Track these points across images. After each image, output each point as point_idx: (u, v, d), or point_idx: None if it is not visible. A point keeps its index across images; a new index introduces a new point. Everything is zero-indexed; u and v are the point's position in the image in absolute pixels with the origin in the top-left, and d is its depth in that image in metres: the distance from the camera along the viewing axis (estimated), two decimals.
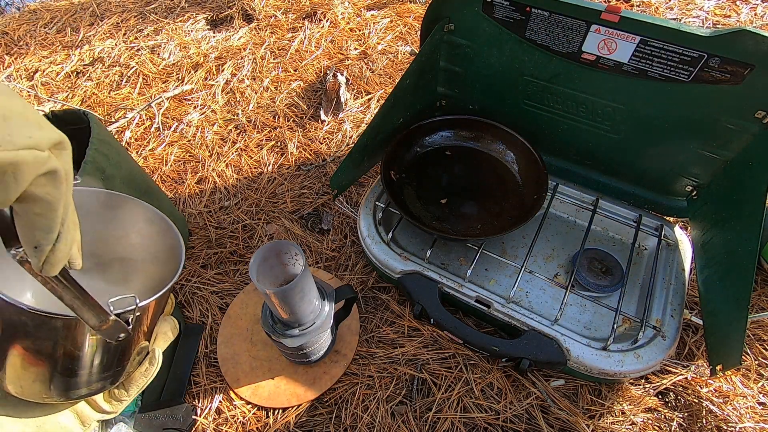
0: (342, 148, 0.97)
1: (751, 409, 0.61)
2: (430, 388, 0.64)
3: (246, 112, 1.05)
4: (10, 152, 0.18)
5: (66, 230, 0.23)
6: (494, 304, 0.65)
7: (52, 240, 0.23)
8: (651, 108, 0.61)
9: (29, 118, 0.20)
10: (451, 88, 0.79)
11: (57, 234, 0.23)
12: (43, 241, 0.22)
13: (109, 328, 0.30)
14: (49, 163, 0.20)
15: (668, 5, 1.25)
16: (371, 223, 0.73)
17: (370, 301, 0.74)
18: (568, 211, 0.79)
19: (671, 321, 0.62)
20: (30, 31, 1.30)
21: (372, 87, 1.08)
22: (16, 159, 0.19)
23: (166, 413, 0.62)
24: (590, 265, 0.70)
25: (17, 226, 0.22)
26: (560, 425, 0.61)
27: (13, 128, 0.19)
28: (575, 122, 0.70)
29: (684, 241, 0.71)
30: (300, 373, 0.66)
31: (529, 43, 0.63)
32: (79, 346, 0.32)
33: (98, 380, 0.35)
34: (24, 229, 0.22)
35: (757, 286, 0.73)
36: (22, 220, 0.22)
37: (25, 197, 0.20)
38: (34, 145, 0.19)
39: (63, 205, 0.22)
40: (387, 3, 1.33)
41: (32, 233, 0.22)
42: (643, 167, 0.71)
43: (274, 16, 1.29)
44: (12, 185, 0.19)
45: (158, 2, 1.37)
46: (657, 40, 0.54)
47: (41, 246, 0.23)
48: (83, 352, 0.32)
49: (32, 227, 0.22)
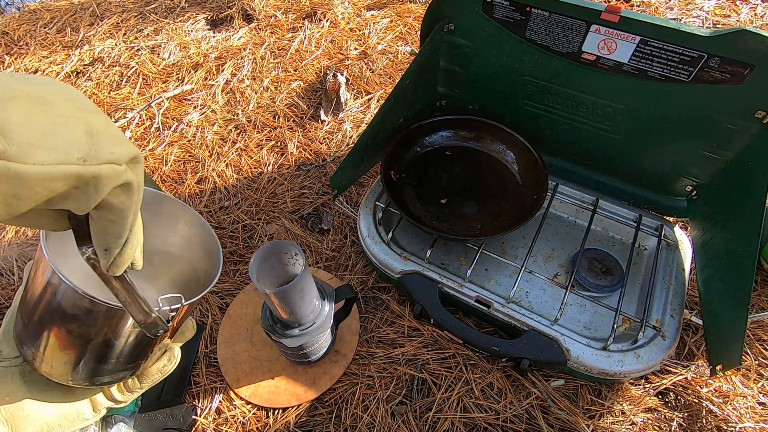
0: (342, 148, 0.97)
1: (751, 409, 0.61)
2: (430, 388, 0.64)
3: (246, 112, 1.05)
4: (94, 166, 0.20)
5: (132, 235, 0.26)
6: (494, 304, 0.65)
7: (120, 244, 0.25)
8: (651, 108, 0.61)
9: (111, 135, 0.22)
10: (451, 88, 0.79)
11: (125, 239, 0.25)
12: (113, 245, 0.25)
13: (152, 324, 0.33)
14: (125, 176, 0.22)
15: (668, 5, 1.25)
16: (371, 223, 0.73)
17: (370, 301, 0.74)
18: (568, 211, 0.79)
19: (671, 321, 0.62)
20: (30, 31, 1.30)
21: (372, 87, 1.08)
22: (99, 173, 0.21)
23: (166, 413, 0.62)
24: (590, 265, 0.70)
25: (92, 230, 0.24)
26: (560, 425, 0.61)
27: (98, 144, 0.21)
28: (575, 122, 0.70)
29: (684, 241, 0.71)
30: (300, 373, 0.66)
31: (529, 43, 0.63)
32: (117, 335, 0.34)
33: (122, 370, 0.37)
34: (97, 234, 0.24)
35: (757, 286, 0.73)
36: (97, 225, 0.24)
37: (102, 205, 0.22)
38: (114, 160, 0.21)
39: (133, 213, 0.24)
40: (387, 3, 1.33)
41: (104, 238, 0.24)
42: (643, 167, 0.71)
43: (274, 16, 1.29)
44: (93, 195, 0.21)
45: (158, 2, 1.37)
46: (657, 40, 0.54)
47: (111, 249, 0.25)
48: (118, 342, 0.34)
49: (105, 232, 0.24)
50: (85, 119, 0.21)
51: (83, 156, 0.20)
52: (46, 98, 0.20)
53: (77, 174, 0.20)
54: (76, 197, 0.21)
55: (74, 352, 0.33)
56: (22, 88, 0.19)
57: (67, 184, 0.20)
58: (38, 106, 0.19)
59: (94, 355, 0.34)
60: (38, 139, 0.18)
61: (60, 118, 0.20)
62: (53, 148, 0.19)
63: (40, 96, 0.19)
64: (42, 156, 0.18)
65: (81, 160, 0.20)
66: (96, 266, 0.26)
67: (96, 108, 0.22)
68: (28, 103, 0.19)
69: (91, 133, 0.21)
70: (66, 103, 0.20)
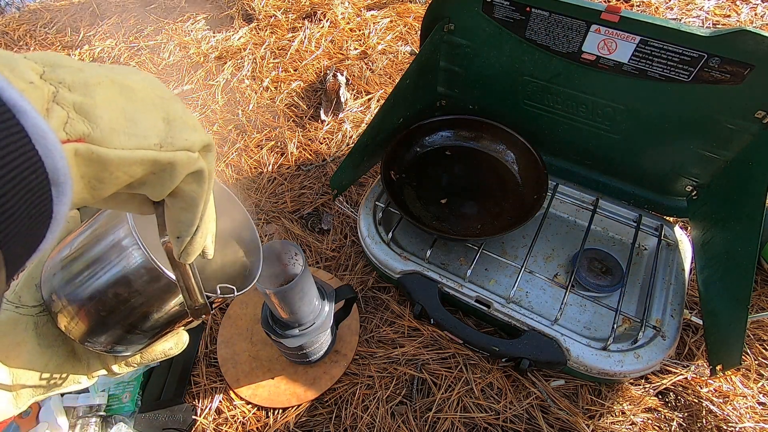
0: (342, 148, 0.97)
1: (751, 409, 0.61)
2: (430, 388, 0.64)
3: (246, 112, 1.05)
4: (170, 152, 0.21)
5: (203, 224, 0.26)
6: (494, 304, 0.65)
7: (191, 233, 0.25)
8: (651, 108, 0.61)
9: (187, 122, 0.22)
10: (451, 88, 0.79)
11: (196, 227, 0.25)
12: (184, 233, 0.25)
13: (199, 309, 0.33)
14: (197, 163, 0.22)
15: (668, 5, 1.25)
16: (371, 223, 0.73)
17: (370, 301, 0.74)
18: (568, 211, 0.79)
19: (671, 321, 0.62)
20: (30, 31, 1.30)
21: (372, 87, 1.08)
22: (174, 159, 0.21)
23: (166, 413, 0.62)
24: (590, 265, 0.70)
25: (165, 218, 0.25)
26: (560, 425, 0.61)
27: (174, 131, 0.21)
28: (575, 122, 0.69)
29: (684, 241, 0.71)
30: (300, 373, 0.65)
31: (529, 43, 0.63)
32: (159, 310, 0.34)
33: (139, 343, 0.37)
34: (170, 221, 0.25)
35: (757, 286, 0.73)
36: (170, 212, 0.24)
37: (175, 193, 0.23)
38: (189, 147, 0.22)
39: (204, 202, 0.25)
40: (387, 3, 1.33)
41: (176, 225, 0.25)
42: (643, 167, 0.71)
43: (274, 16, 1.29)
44: (168, 181, 0.22)
45: (158, 2, 1.37)
46: (657, 40, 0.54)
47: (182, 237, 0.25)
48: (155, 316, 0.35)
49: (177, 220, 0.25)
50: (164, 106, 0.21)
51: (160, 142, 0.20)
52: (130, 85, 0.20)
53: (154, 159, 0.20)
54: (152, 183, 0.22)
55: (109, 316, 0.33)
56: (107, 74, 0.19)
57: (145, 170, 0.20)
58: (122, 93, 0.20)
59: (125, 323, 0.34)
60: (120, 124, 0.19)
61: (140, 104, 0.20)
62: (133, 134, 0.19)
63: (125, 83, 0.20)
64: (123, 141, 0.19)
65: (158, 146, 0.20)
66: (170, 252, 0.27)
67: (174, 96, 0.23)
68: (112, 90, 0.19)
69: (168, 120, 0.21)
70: (147, 90, 0.21)
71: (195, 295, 0.31)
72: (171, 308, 0.35)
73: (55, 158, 0.15)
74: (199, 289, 0.31)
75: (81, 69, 0.19)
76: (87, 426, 0.61)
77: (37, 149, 0.15)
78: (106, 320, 0.34)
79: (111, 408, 0.63)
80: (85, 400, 0.63)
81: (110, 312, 0.33)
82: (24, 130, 0.14)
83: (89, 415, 0.62)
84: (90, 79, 0.19)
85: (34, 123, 0.15)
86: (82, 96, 0.18)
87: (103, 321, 0.34)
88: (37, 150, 0.15)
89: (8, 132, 0.14)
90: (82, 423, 0.61)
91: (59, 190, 0.16)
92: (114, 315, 0.34)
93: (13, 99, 0.14)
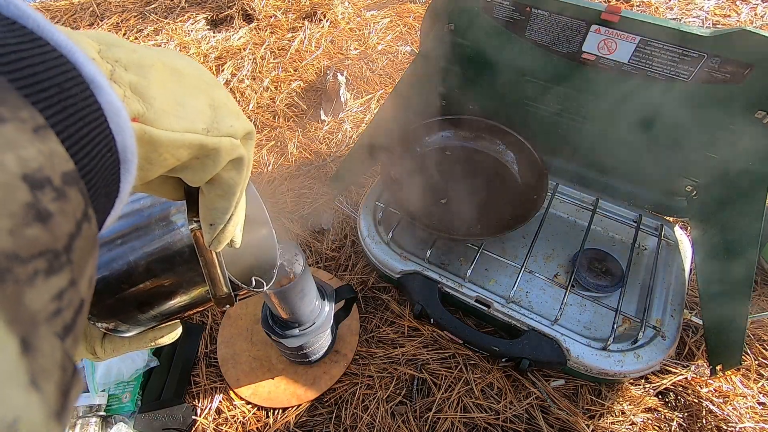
0: (342, 148, 0.97)
1: (751, 409, 0.61)
2: (430, 388, 0.64)
3: (246, 112, 1.05)
4: (215, 138, 0.21)
5: (236, 213, 0.26)
6: (494, 304, 0.65)
7: (225, 220, 0.25)
8: (651, 108, 0.61)
9: (231, 109, 0.22)
10: (451, 88, 0.79)
11: (230, 215, 0.25)
12: (218, 221, 0.25)
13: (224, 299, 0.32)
14: (238, 150, 0.23)
15: (668, 5, 1.25)
16: (371, 223, 0.73)
17: (370, 301, 0.74)
18: (568, 211, 0.79)
19: (671, 321, 0.62)
20: None
21: (372, 87, 1.08)
22: (218, 145, 0.21)
23: (166, 413, 0.62)
24: (590, 265, 0.70)
25: (200, 204, 0.25)
26: (560, 425, 0.61)
27: (219, 117, 0.21)
28: (575, 122, 0.70)
29: (684, 241, 0.71)
30: (300, 373, 0.65)
31: (529, 43, 0.63)
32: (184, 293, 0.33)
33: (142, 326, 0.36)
34: (205, 208, 0.25)
35: (757, 286, 0.73)
36: (206, 199, 0.24)
37: (213, 179, 0.23)
38: (232, 133, 0.22)
39: (240, 190, 0.25)
40: (387, 3, 1.33)
41: (211, 213, 0.25)
42: (643, 167, 0.71)
43: (274, 16, 1.29)
44: (210, 167, 0.22)
45: (158, 2, 1.37)
46: (657, 40, 0.54)
47: (216, 225, 0.25)
48: (176, 299, 0.34)
49: (212, 207, 0.24)
50: (210, 92, 0.22)
51: (206, 127, 0.21)
52: (180, 69, 0.20)
53: (201, 143, 0.20)
54: (195, 168, 0.22)
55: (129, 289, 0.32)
56: (158, 57, 0.20)
57: (190, 154, 0.20)
58: (172, 76, 0.20)
59: (141, 301, 0.33)
60: (171, 106, 0.19)
61: (189, 89, 0.21)
62: (183, 117, 0.20)
63: (175, 67, 0.20)
64: (173, 123, 0.19)
65: (205, 130, 0.20)
66: (199, 239, 0.26)
67: (218, 82, 0.23)
68: (164, 72, 0.20)
69: (214, 105, 0.21)
70: (195, 75, 0.21)
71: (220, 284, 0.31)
72: (195, 294, 0.34)
73: (125, 136, 0.16)
74: (224, 278, 0.31)
75: (135, 50, 0.19)
76: (87, 426, 0.61)
77: (111, 127, 0.15)
78: (126, 295, 0.33)
79: (111, 408, 0.63)
80: (85, 400, 0.63)
81: (133, 285, 0.32)
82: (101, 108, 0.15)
83: (89, 415, 0.62)
84: (143, 60, 0.19)
85: (108, 100, 0.15)
86: (137, 76, 0.18)
87: (123, 296, 0.33)
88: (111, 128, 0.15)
89: (90, 109, 0.14)
90: (82, 423, 0.61)
91: (126, 168, 0.16)
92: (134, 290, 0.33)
93: (91, 74, 0.14)
